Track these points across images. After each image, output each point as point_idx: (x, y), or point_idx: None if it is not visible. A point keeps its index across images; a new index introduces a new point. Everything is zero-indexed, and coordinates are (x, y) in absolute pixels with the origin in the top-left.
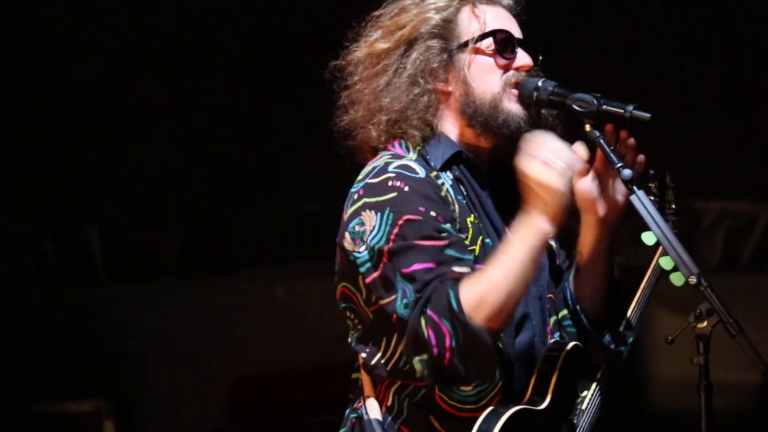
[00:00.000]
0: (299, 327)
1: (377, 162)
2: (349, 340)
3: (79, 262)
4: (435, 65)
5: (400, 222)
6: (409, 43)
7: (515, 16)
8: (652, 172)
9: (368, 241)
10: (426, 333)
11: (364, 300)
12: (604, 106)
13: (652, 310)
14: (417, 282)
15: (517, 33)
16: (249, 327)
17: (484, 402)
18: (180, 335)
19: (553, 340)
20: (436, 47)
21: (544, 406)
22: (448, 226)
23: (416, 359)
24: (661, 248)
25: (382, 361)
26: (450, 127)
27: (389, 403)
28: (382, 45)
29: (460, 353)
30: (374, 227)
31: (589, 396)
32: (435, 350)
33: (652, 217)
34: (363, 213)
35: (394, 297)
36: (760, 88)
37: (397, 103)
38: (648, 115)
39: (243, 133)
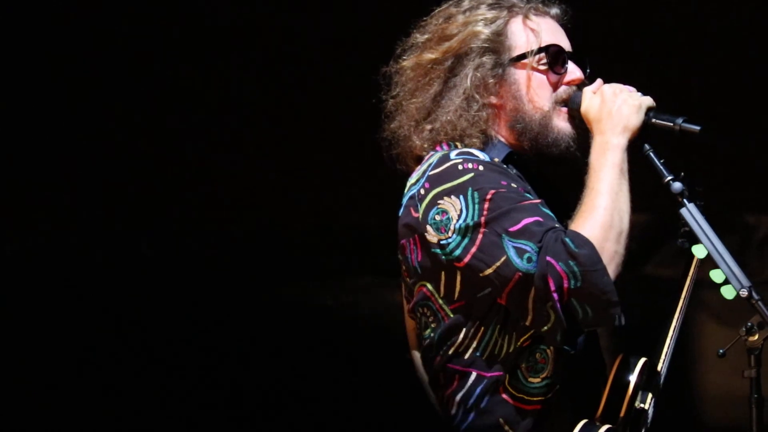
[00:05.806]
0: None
1: (431, 158)
2: (426, 339)
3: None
4: (489, 81)
5: (488, 196)
6: (458, 57)
7: (563, 26)
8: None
9: (458, 224)
10: (546, 279)
11: (443, 298)
12: (654, 120)
13: (703, 323)
14: (533, 234)
15: (567, 45)
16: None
17: (551, 394)
18: None
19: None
20: (488, 62)
21: (618, 424)
22: (530, 195)
23: (547, 306)
24: (692, 271)
25: (461, 350)
26: (501, 135)
27: (453, 412)
28: (429, 55)
29: (578, 295)
30: (461, 210)
31: (648, 408)
32: (555, 295)
33: (703, 230)
34: (440, 202)
35: (504, 258)
36: None
37: (449, 115)
38: (698, 127)
39: (303, 145)
